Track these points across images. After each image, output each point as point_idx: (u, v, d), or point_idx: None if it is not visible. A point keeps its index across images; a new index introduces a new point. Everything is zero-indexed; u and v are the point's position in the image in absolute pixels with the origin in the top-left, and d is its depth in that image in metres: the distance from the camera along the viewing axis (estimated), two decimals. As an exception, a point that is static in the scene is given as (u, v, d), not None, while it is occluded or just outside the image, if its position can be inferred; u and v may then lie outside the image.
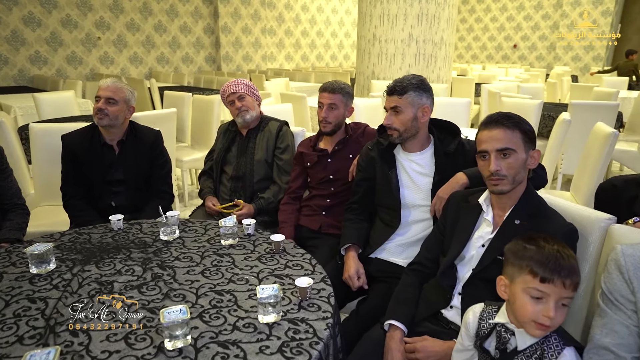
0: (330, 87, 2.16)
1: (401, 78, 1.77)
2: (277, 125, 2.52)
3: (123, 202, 2.26)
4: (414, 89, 1.74)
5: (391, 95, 1.76)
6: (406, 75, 1.79)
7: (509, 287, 1.12)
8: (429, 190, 1.80)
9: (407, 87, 1.74)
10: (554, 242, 1.07)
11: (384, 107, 1.79)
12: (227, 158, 2.52)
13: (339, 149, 2.22)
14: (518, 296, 1.07)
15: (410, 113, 1.75)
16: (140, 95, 6.60)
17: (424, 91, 1.77)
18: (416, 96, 1.75)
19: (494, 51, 14.46)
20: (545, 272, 1.02)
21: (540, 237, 1.10)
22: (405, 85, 1.73)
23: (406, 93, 1.74)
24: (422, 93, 1.77)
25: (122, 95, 2.22)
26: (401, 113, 1.74)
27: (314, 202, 2.27)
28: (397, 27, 6.36)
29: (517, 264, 1.09)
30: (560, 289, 1.01)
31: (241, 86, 2.47)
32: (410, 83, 1.74)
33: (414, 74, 1.79)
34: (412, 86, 1.74)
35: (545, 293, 1.03)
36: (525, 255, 1.07)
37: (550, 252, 1.04)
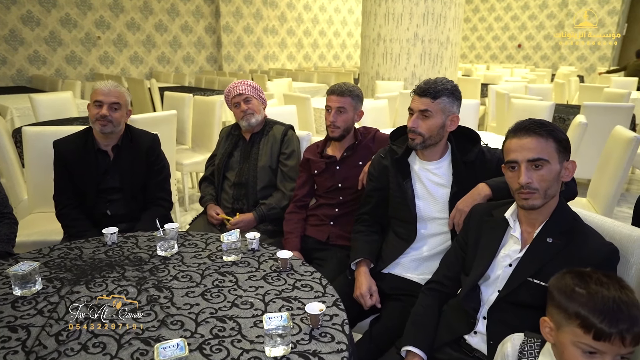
0: (339, 90, 2.03)
1: (434, 80, 1.63)
2: (282, 129, 2.39)
3: (119, 210, 2.14)
4: (448, 94, 1.62)
5: (423, 96, 1.61)
6: (438, 77, 1.65)
7: (555, 333, 0.96)
8: (446, 202, 1.68)
9: (442, 92, 1.61)
10: (609, 283, 0.89)
11: (411, 108, 1.65)
12: (230, 164, 2.40)
13: (348, 156, 2.10)
14: (567, 347, 0.91)
15: (440, 120, 1.62)
16: (140, 96, 6.48)
17: (456, 99, 1.64)
18: (449, 103, 1.62)
19: (498, 51, 14.32)
20: (599, 328, 0.85)
21: (592, 275, 0.92)
22: (440, 89, 1.60)
23: (439, 98, 1.61)
24: (454, 101, 1.64)
25: (124, 99, 2.10)
26: (430, 118, 1.61)
27: (321, 211, 2.14)
28: (403, 26, 6.24)
29: (563, 310, 0.92)
30: (619, 347, 0.84)
31: (248, 88, 2.35)
32: (445, 88, 1.61)
33: (446, 78, 1.66)
34: (446, 91, 1.61)
35: (600, 350, 0.86)
36: (574, 300, 0.90)
37: (606, 301, 0.86)
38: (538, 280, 1.22)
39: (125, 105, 2.11)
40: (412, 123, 1.62)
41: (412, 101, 1.64)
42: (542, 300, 1.23)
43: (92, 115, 2.04)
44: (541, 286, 1.21)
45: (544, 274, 1.21)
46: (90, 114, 2.06)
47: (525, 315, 1.24)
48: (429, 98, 1.60)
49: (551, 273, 1.21)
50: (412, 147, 1.66)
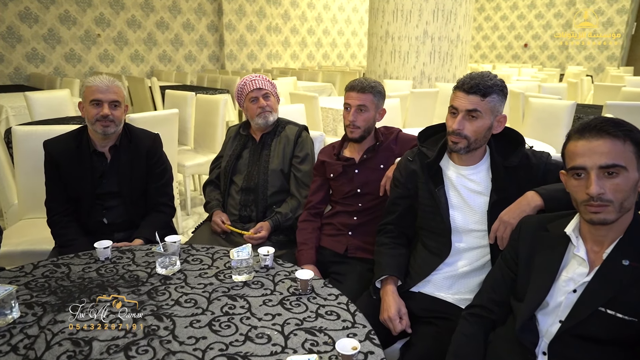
0: (360, 86, 1.83)
1: (481, 74, 1.43)
2: (296, 130, 2.19)
3: (117, 218, 1.94)
4: (498, 92, 1.42)
5: (472, 93, 1.40)
6: (483, 71, 1.45)
7: None
8: (484, 211, 1.48)
9: (492, 89, 1.40)
10: None
11: (454, 106, 1.45)
12: (237, 166, 2.20)
13: (368, 158, 1.90)
14: None
15: (488, 121, 1.42)
16: (141, 95, 6.30)
17: (504, 97, 1.45)
18: (498, 101, 1.43)
19: (503, 50, 14.11)
20: None
21: None
22: (490, 86, 1.40)
23: (489, 95, 1.40)
24: (503, 99, 1.44)
25: (123, 95, 1.91)
26: (478, 119, 1.41)
27: (339, 219, 1.94)
28: (412, 23, 6.04)
29: None
30: None
31: (267, 83, 2.16)
32: (496, 84, 1.41)
33: (491, 72, 1.46)
34: (496, 88, 1.41)
35: None
36: None
37: None
38: (613, 311, 1.02)
39: (124, 101, 1.91)
40: (457, 124, 1.42)
41: (456, 98, 1.44)
42: (617, 334, 1.03)
43: (91, 116, 1.84)
44: (617, 318, 1.01)
45: (620, 304, 1.01)
46: (87, 115, 1.86)
47: (595, 351, 1.04)
48: (479, 96, 1.40)
49: (630, 303, 1.01)
50: (454, 151, 1.46)
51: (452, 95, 1.48)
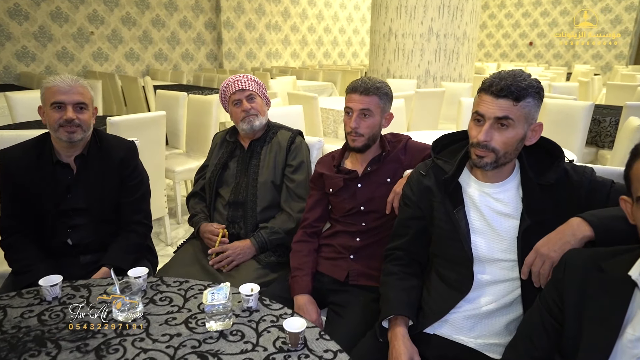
0: (363, 87, 1.58)
1: (512, 74, 1.17)
2: (289, 135, 1.94)
3: (84, 238, 1.70)
4: (534, 94, 1.16)
5: (502, 97, 1.15)
6: (515, 70, 1.19)
7: None
8: (513, 238, 1.23)
9: (527, 91, 1.15)
10: None
11: (479, 112, 1.19)
12: (224, 177, 1.95)
13: (373, 170, 1.64)
14: None
15: (521, 130, 1.17)
16: (134, 95, 6.05)
17: (540, 101, 1.19)
18: (534, 107, 1.17)
19: (508, 49, 13.83)
20: None
21: None
22: (525, 87, 1.15)
23: (524, 99, 1.15)
24: (539, 103, 1.19)
25: (89, 95, 1.66)
26: (510, 128, 1.16)
27: (339, 241, 1.69)
28: (416, 20, 5.78)
29: None
30: None
31: (251, 83, 1.90)
32: (531, 85, 1.16)
33: (524, 71, 1.20)
34: (532, 90, 1.16)
35: None
36: None
37: None
38: None
39: (91, 102, 1.66)
40: (484, 135, 1.16)
41: (483, 103, 1.18)
42: None
43: (53, 121, 1.58)
44: None
45: None
46: (49, 120, 1.60)
47: None
48: (511, 100, 1.14)
49: None
50: (479, 166, 1.21)
51: (476, 99, 1.23)
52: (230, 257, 1.76)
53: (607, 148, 3.96)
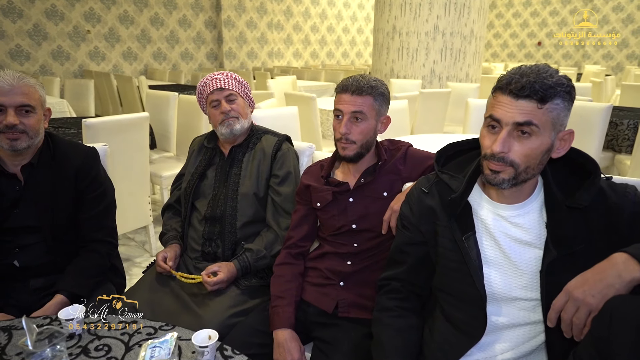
0: (356, 86, 1.35)
1: (536, 69, 0.93)
2: (275, 141, 1.71)
3: (34, 260, 1.47)
4: (564, 95, 0.93)
5: (523, 97, 0.91)
6: (539, 65, 0.95)
7: None
8: (536, 272, 1.00)
9: (555, 90, 0.91)
10: None
11: (495, 117, 0.96)
12: (201, 189, 1.73)
13: (367, 183, 1.41)
14: None
15: (547, 139, 0.94)
16: (130, 95, 5.85)
17: (571, 103, 0.95)
18: (563, 110, 0.94)
19: (516, 49, 13.53)
20: None
21: None
22: (552, 86, 0.91)
23: (551, 100, 0.92)
24: (569, 106, 0.95)
25: (37, 96, 1.44)
26: (534, 136, 0.93)
27: (327, 264, 1.45)
28: (421, 17, 5.54)
29: None
30: None
31: (232, 82, 1.68)
32: (560, 83, 0.92)
33: (550, 66, 0.95)
34: (562, 89, 0.92)
35: None
36: None
37: None
38: None
39: (40, 104, 1.44)
40: (501, 145, 0.93)
41: (499, 105, 0.95)
42: None
43: None
44: None
45: None
46: None
47: None
48: (534, 101, 0.91)
49: None
50: (494, 184, 0.98)
51: (490, 99, 0.99)
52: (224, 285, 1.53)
53: (625, 153, 3.71)
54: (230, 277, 1.53)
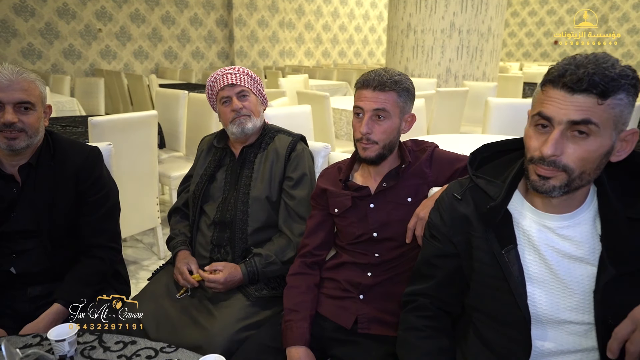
0: (378, 81, 1.23)
1: (594, 58, 0.80)
2: (289, 141, 1.60)
3: (32, 266, 1.38)
4: (628, 88, 0.80)
5: (580, 92, 0.79)
6: (597, 54, 0.82)
7: None
8: (589, 292, 0.87)
9: (619, 83, 0.78)
10: None
11: (541, 112, 0.83)
12: (210, 191, 1.62)
13: (390, 187, 1.30)
14: None
15: (608, 140, 0.82)
16: (140, 94, 5.80)
17: (635, 97, 0.82)
18: (627, 106, 0.81)
19: (531, 48, 13.27)
20: None
21: None
22: (615, 78, 0.78)
23: (613, 95, 0.79)
24: (633, 101, 0.82)
25: (37, 92, 1.35)
26: (592, 136, 0.81)
27: (346, 275, 1.34)
28: (437, 14, 5.39)
29: None
30: None
31: (243, 77, 1.58)
32: (624, 74, 0.79)
33: (610, 55, 0.83)
34: (626, 82, 0.79)
35: None
36: None
37: None
38: None
39: (41, 101, 1.35)
40: (552, 147, 0.81)
41: (550, 101, 0.82)
42: None
43: None
44: None
45: None
46: None
47: None
48: (594, 96, 0.78)
49: None
50: (543, 191, 0.85)
51: (538, 94, 0.87)
52: (221, 287, 1.43)
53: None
54: (231, 280, 1.42)
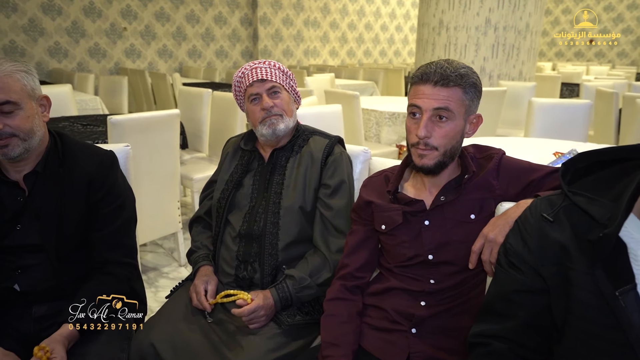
0: (440, 74, 1.03)
1: None
2: (325, 144, 1.42)
3: (37, 284, 1.23)
4: None
5: None
6: None
7: None
8: None
9: None
10: None
11: None
12: (236, 199, 1.44)
13: (449, 202, 1.09)
14: None
15: None
16: (163, 92, 5.71)
17: None
18: None
19: (564, 47, 12.76)
20: None
21: None
22: None
23: None
24: None
25: (19, 86, 1.13)
26: None
27: (394, 304, 1.14)
28: (471, 10, 5.12)
29: None
30: None
31: (275, 72, 1.39)
32: None
33: None
34: None
35: None
36: None
37: None
38: None
39: (27, 96, 1.14)
40: None
41: None
42: None
43: None
44: None
45: None
46: None
47: None
48: None
49: None
50: None
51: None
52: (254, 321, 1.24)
53: None
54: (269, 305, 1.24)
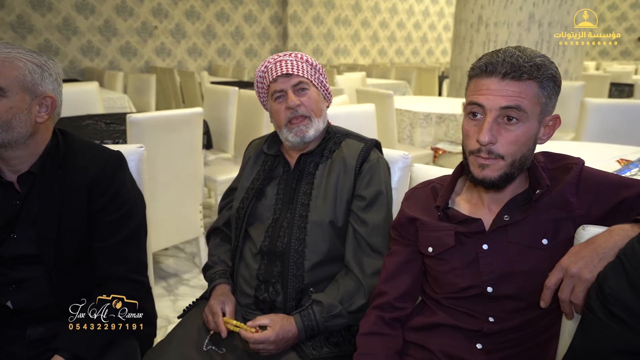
0: (510, 64, 0.82)
1: None
2: (360, 148, 1.23)
3: (33, 301, 1.10)
4: None
5: None
6: None
7: None
8: None
9: None
10: None
11: None
12: (257, 211, 1.27)
13: (514, 222, 0.88)
14: None
15: None
16: (191, 91, 5.65)
17: None
18: None
19: (609, 46, 12.10)
20: None
21: None
22: None
23: None
24: None
25: (12, 73, 0.99)
26: None
27: (442, 343, 0.94)
28: (514, 5, 4.81)
29: None
30: None
31: (302, 65, 1.22)
32: None
33: None
34: None
35: None
36: None
37: None
38: None
39: (20, 86, 1.00)
40: None
41: None
42: None
43: None
44: None
45: None
46: None
47: None
48: None
49: None
50: None
51: None
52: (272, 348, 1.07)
53: None
54: (283, 337, 1.06)
